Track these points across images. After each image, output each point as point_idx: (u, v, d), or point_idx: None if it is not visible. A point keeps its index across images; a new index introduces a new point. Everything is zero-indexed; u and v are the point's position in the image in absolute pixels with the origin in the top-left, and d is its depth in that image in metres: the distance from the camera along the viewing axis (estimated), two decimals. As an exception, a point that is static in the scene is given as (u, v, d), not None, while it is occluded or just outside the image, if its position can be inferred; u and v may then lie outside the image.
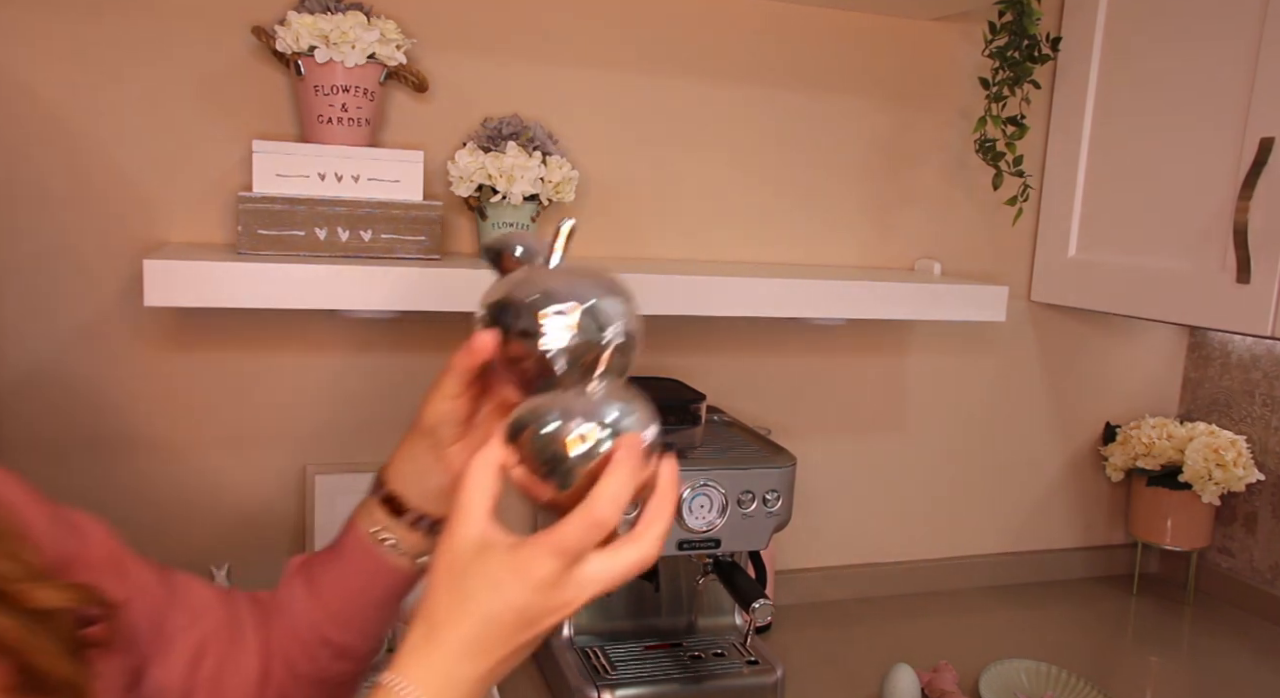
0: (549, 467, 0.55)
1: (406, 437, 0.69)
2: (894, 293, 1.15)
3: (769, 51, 1.25)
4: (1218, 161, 1.14)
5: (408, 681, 0.52)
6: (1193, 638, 1.37)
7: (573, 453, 0.55)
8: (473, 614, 0.53)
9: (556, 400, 0.57)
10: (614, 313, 0.61)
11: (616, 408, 0.58)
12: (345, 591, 0.68)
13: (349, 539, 0.69)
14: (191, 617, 0.66)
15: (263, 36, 1.00)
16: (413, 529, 0.67)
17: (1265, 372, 1.44)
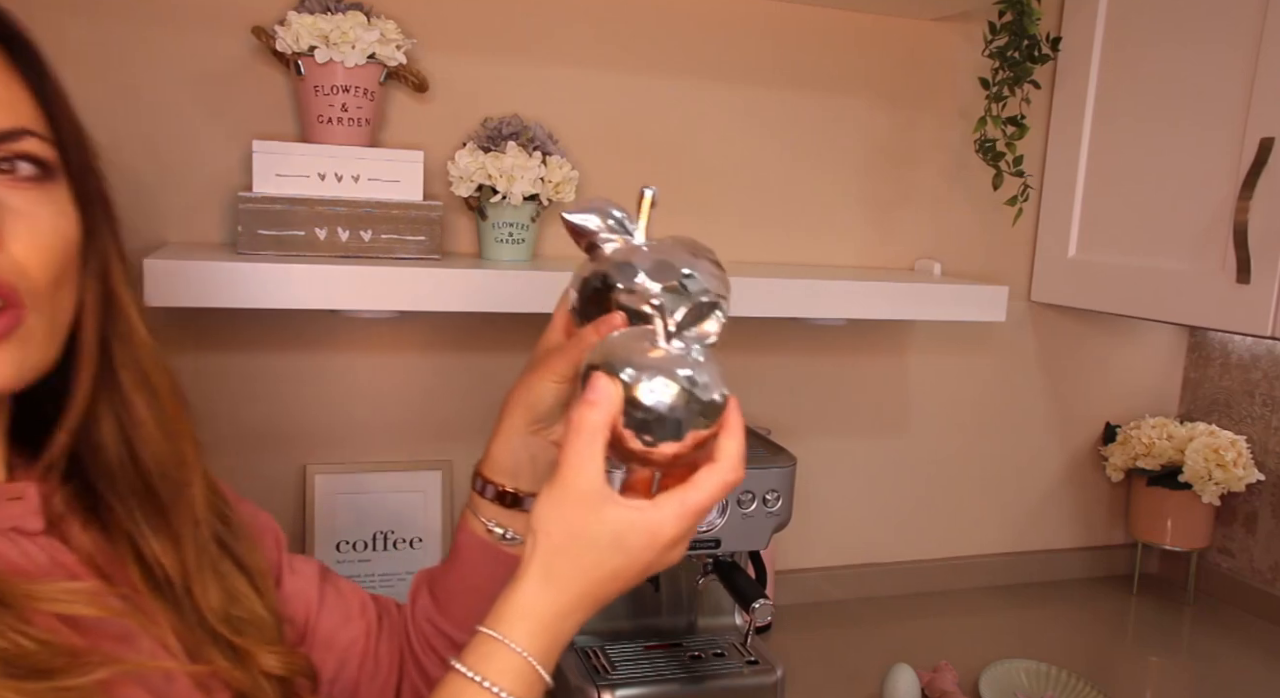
0: (657, 423, 0.53)
1: (498, 431, 0.69)
2: (894, 293, 1.15)
3: (769, 52, 1.25)
4: (1218, 162, 1.14)
5: (516, 635, 0.53)
6: (1193, 638, 1.37)
7: (687, 412, 0.53)
8: (593, 574, 0.53)
9: (665, 359, 0.55)
10: (711, 282, 0.62)
11: (717, 371, 0.56)
12: (469, 592, 0.69)
13: (464, 544, 0.71)
14: (342, 618, 0.70)
15: (263, 36, 1.00)
16: None
17: (1265, 372, 1.44)
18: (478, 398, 1.20)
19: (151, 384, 0.56)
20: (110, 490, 0.55)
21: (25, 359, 0.49)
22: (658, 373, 0.54)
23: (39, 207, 0.49)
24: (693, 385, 0.54)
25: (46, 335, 0.50)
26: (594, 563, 0.53)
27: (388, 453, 1.18)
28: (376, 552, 1.15)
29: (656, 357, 0.55)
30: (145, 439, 0.55)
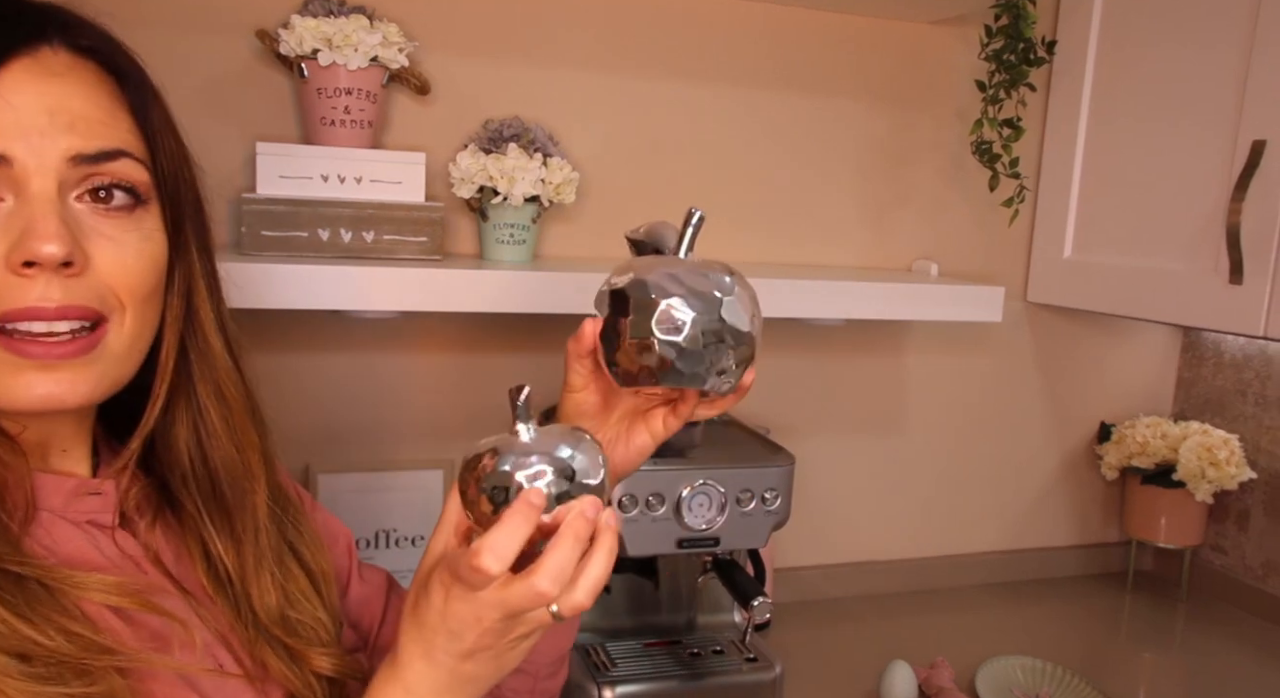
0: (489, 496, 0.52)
1: None
2: (891, 293, 1.16)
3: (768, 55, 1.26)
4: (1211, 164, 1.15)
5: None
6: (1186, 635, 1.38)
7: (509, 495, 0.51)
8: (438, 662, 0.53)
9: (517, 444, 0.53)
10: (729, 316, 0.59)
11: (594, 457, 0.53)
12: None
13: None
14: None
15: (266, 39, 1.01)
16: None
17: (1257, 371, 1.45)
18: (479, 398, 1.21)
19: (225, 396, 0.59)
20: (183, 490, 0.59)
21: (103, 376, 0.52)
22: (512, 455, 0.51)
23: (128, 233, 0.52)
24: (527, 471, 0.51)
25: (125, 352, 0.53)
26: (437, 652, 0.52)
27: (389, 453, 1.18)
28: (379, 550, 1.16)
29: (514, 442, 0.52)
30: (216, 446, 0.59)
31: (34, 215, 0.47)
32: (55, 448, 0.56)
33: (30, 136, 0.48)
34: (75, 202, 0.50)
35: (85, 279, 0.50)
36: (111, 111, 0.51)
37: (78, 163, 0.49)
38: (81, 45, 0.51)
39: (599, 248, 1.23)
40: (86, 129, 0.50)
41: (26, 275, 0.47)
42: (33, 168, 0.48)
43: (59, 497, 0.55)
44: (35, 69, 0.49)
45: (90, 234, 0.50)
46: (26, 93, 0.48)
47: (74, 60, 0.51)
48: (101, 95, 0.51)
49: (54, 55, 0.50)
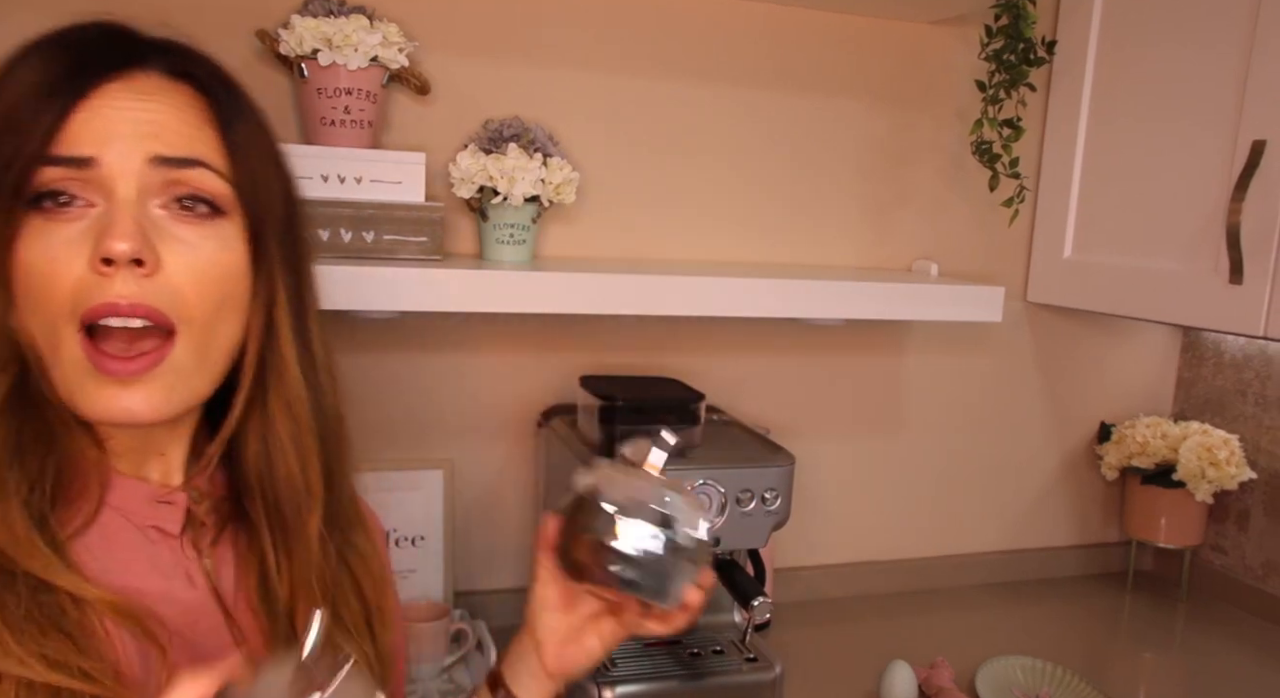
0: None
1: (516, 638, 0.72)
2: (891, 293, 1.16)
3: (768, 55, 1.26)
4: (1211, 164, 1.15)
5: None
6: (1186, 635, 1.38)
7: None
8: None
9: None
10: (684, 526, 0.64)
11: None
12: None
13: None
14: None
15: (266, 39, 1.01)
16: None
17: (1257, 371, 1.45)
18: (478, 398, 1.21)
19: (295, 412, 0.60)
20: (249, 500, 0.60)
21: (172, 391, 0.54)
22: None
23: (205, 239, 0.54)
24: None
25: (197, 366, 0.55)
26: None
27: (389, 452, 1.18)
28: (378, 550, 1.16)
29: None
30: (281, 461, 0.60)
31: (113, 216, 0.51)
32: (153, 452, 0.59)
33: (114, 141, 0.51)
34: (157, 208, 0.53)
35: (157, 280, 0.52)
36: (197, 126, 0.54)
37: (156, 164, 0.52)
38: (177, 71, 0.55)
39: (599, 248, 1.23)
40: (169, 137, 0.53)
41: (106, 274, 0.50)
42: (117, 171, 0.51)
43: (132, 501, 0.57)
44: (128, 89, 0.53)
45: (166, 238, 0.52)
46: (116, 106, 0.52)
47: (166, 83, 0.54)
48: (189, 113, 0.54)
49: (147, 78, 0.54)
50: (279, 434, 0.60)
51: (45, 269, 0.50)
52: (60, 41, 0.53)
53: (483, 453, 1.22)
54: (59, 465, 0.53)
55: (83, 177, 0.51)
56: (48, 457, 0.53)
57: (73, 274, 0.50)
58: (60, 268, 0.50)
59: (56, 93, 0.51)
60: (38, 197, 0.51)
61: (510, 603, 1.24)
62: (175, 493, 0.59)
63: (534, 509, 1.26)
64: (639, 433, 1.04)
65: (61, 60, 0.52)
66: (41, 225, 0.51)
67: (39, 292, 0.51)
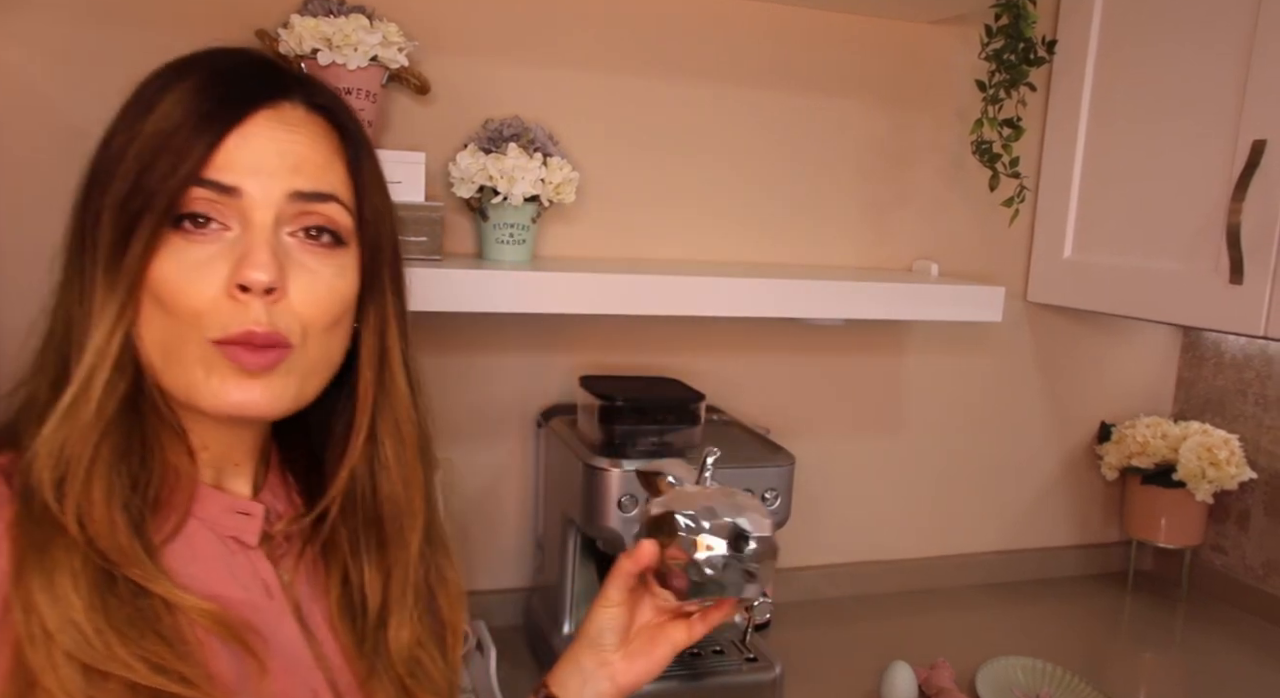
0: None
1: (570, 646, 0.73)
2: (891, 293, 1.16)
3: (768, 55, 1.26)
4: (1211, 163, 1.15)
5: None
6: (1186, 635, 1.38)
7: None
8: None
9: None
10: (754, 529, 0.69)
11: None
12: None
13: None
14: None
15: (266, 39, 1.01)
16: None
17: (1258, 371, 1.45)
18: (478, 398, 1.21)
19: (402, 433, 0.63)
20: (340, 519, 0.63)
21: (287, 389, 0.56)
22: None
23: (325, 267, 0.57)
24: None
25: (305, 374, 0.57)
26: None
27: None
28: (378, 550, 1.16)
29: None
30: (385, 480, 0.63)
31: (252, 244, 0.53)
32: (230, 463, 0.61)
33: (260, 174, 0.54)
34: (287, 236, 0.56)
35: (282, 306, 0.55)
36: (330, 159, 0.58)
37: (294, 199, 0.55)
38: (316, 103, 0.58)
39: (599, 248, 1.23)
40: (308, 171, 0.56)
41: (240, 300, 0.53)
42: (259, 201, 0.54)
43: (213, 510, 0.59)
44: (276, 119, 0.56)
45: (292, 264, 0.55)
46: (263, 138, 0.55)
47: (308, 116, 0.57)
48: (324, 145, 0.58)
49: (293, 109, 0.57)
50: (386, 454, 0.62)
51: (179, 287, 0.53)
52: (213, 67, 0.56)
53: (482, 453, 1.22)
54: (158, 473, 0.55)
55: (224, 202, 0.54)
56: (148, 463, 0.55)
57: (204, 294, 0.53)
58: (193, 287, 0.53)
59: (214, 118, 0.53)
60: (180, 217, 0.53)
61: (510, 603, 1.24)
62: (252, 504, 0.61)
63: (533, 509, 1.26)
64: (639, 434, 1.05)
65: (217, 86, 0.55)
66: (178, 243, 0.53)
67: (170, 306, 0.53)
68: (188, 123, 0.53)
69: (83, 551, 0.50)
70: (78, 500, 0.51)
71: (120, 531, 0.51)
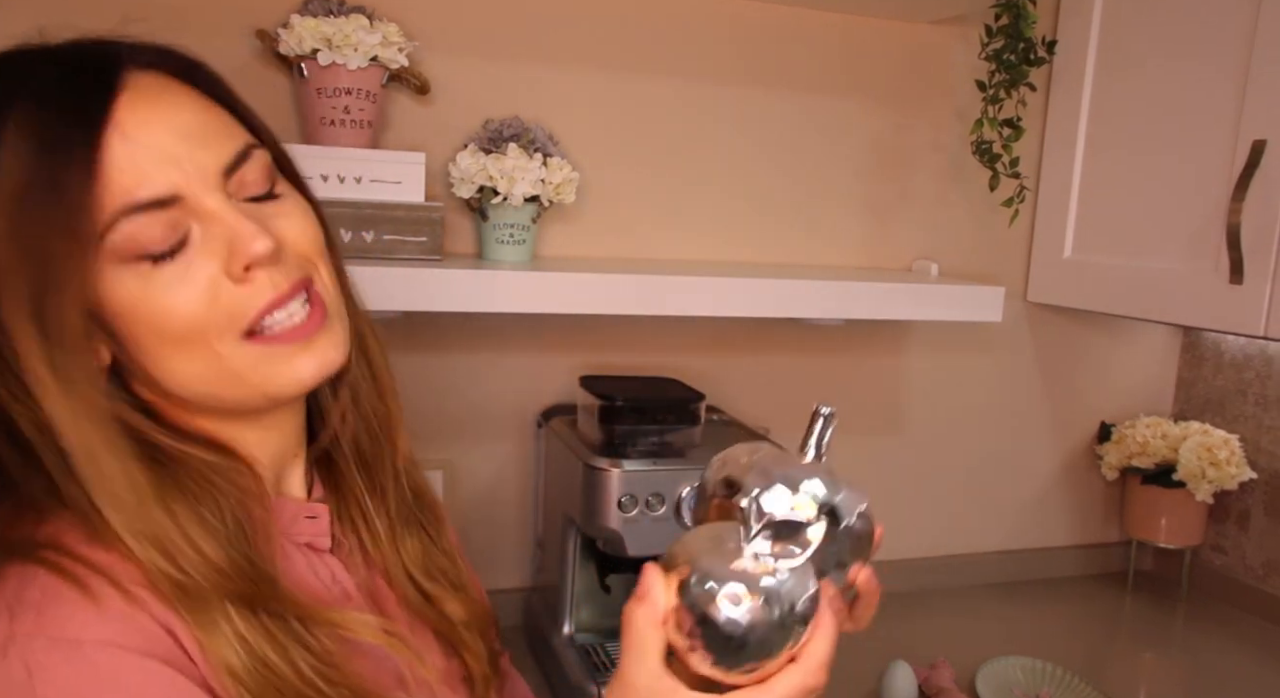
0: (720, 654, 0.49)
1: None
2: (892, 293, 1.16)
3: (769, 54, 1.26)
4: (1211, 164, 1.15)
5: None
6: (1186, 635, 1.38)
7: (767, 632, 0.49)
8: None
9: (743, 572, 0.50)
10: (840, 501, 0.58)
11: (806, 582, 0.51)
12: None
13: None
14: None
15: (266, 39, 1.01)
16: None
17: (1258, 371, 1.45)
18: (478, 398, 1.21)
19: (366, 344, 0.62)
20: (338, 452, 0.62)
21: (342, 331, 0.56)
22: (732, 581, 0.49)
23: (285, 204, 0.55)
24: (777, 601, 0.49)
25: (339, 306, 0.57)
26: None
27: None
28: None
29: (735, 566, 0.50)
30: (364, 396, 0.62)
31: (230, 226, 0.50)
32: (287, 457, 0.59)
33: (179, 164, 0.49)
34: (242, 203, 0.53)
35: (286, 257, 0.53)
36: (210, 110, 0.53)
37: (228, 175, 0.51)
38: (147, 63, 0.52)
39: (599, 248, 1.23)
40: (213, 139, 0.51)
41: (250, 279, 0.51)
42: (199, 190, 0.50)
43: (284, 520, 0.58)
44: (135, 99, 0.49)
45: (268, 220, 0.53)
46: (146, 124, 0.49)
47: (154, 79, 0.51)
48: (191, 99, 0.52)
49: (137, 80, 0.50)
50: (353, 372, 0.60)
51: (177, 306, 0.49)
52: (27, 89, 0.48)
53: (482, 453, 1.22)
54: (235, 503, 0.53)
55: (170, 215, 0.49)
56: (220, 499, 0.52)
57: (206, 297, 0.50)
58: (191, 297, 0.49)
59: (73, 137, 0.46)
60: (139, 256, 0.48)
61: (510, 603, 1.24)
62: (316, 506, 0.60)
63: (533, 509, 1.26)
64: (639, 434, 1.05)
65: (50, 102, 0.47)
66: (145, 271, 0.48)
67: (179, 330, 0.49)
68: (46, 156, 0.45)
69: (227, 603, 0.48)
70: (194, 561, 0.48)
71: (246, 569, 0.49)
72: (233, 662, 0.47)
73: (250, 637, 0.48)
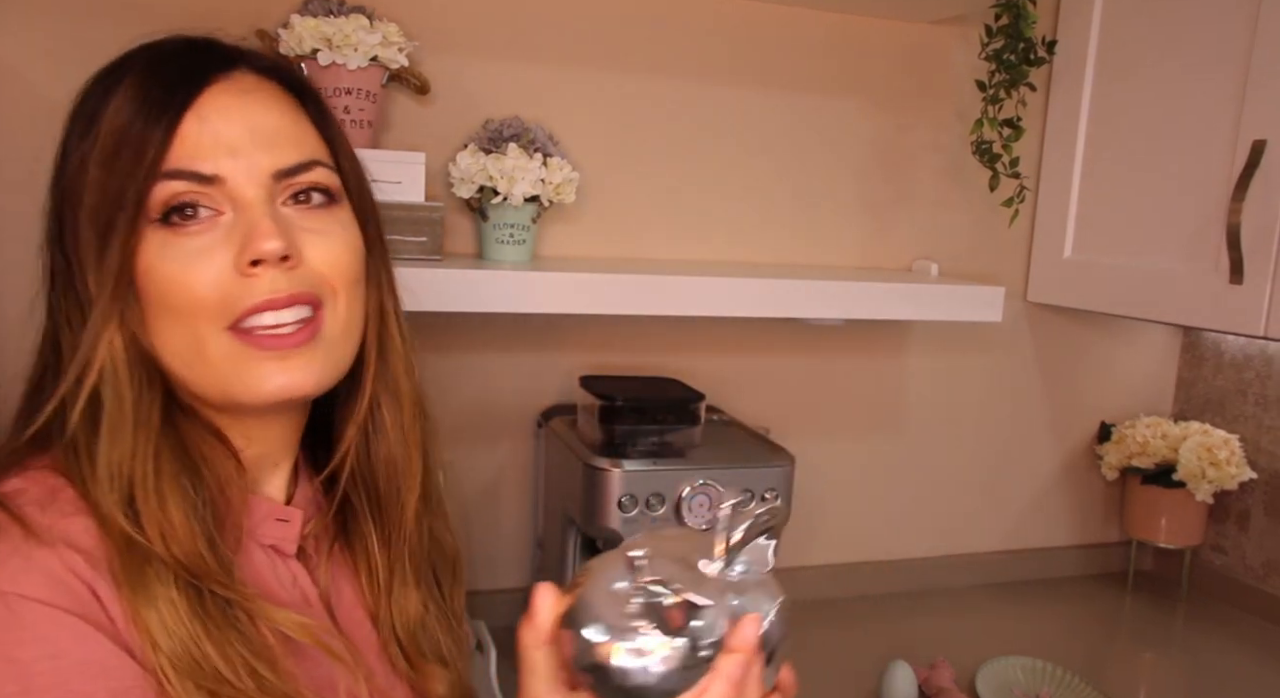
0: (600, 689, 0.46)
1: None
2: (891, 293, 1.16)
3: (769, 54, 1.26)
4: (1211, 163, 1.15)
5: None
6: (1186, 635, 1.38)
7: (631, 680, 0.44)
8: None
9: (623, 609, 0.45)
10: None
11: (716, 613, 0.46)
12: None
13: None
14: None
15: (266, 39, 1.01)
16: None
17: (1258, 371, 1.45)
18: (478, 398, 1.21)
19: (399, 392, 0.62)
20: (352, 488, 0.61)
21: (327, 359, 0.56)
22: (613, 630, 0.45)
23: (330, 225, 0.56)
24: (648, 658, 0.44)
25: (342, 334, 0.57)
26: None
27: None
28: (378, 550, 1.16)
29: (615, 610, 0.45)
30: (383, 441, 0.62)
31: (252, 221, 0.52)
32: (269, 464, 0.60)
33: (236, 156, 0.53)
34: (281, 206, 0.55)
35: (301, 271, 0.54)
36: (297, 123, 0.57)
37: (279, 177, 0.54)
38: (263, 67, 0.57)
39: (599, 248, 1.23)
40: (283, 143, 0.55)
41: (254, 275, 0.52)
42: (243, 182, 0.53)
43: (254, 519, 0.58)
44: (230, 89, 0.54)
45: (298, 232, 0.54)
46: (225, 113, 0.53)
47: (259, 80, 0.56)
48: (286, 108, 0.56)
49: (243, 77, 0.56)
50: (382, 416, 0.61)
51: (182, 279, 0.52)
52: (150, 57, 0.55)
53: (483, 453, 1.22)
54: (213, 484, 0.54)
55: (209, 191, 0.52)
56: (201, 474, 0.54)
57: (210, 280, 0.52)
58: (198, 276, 0.52)
59: (166, 104, 0.52)
60: (165, 213, 0.52)
61: (510, 603, 1.24)
62: (291, 510, 0.60)
63: (533, 509, 1.26)
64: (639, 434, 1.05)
65: (161, 72, 0.54)
66: (169, 239, 0.52)
67: (178, 302, 0.52)
68: (140, 114, 0.51)
69: (173, 573, 0.49)
70: (157, 521, 0.50)
71: (202, 546, 0.50)
72: (158, 632, 0.48)
73: (185, 612, 0.48)
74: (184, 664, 0.48)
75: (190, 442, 0.54)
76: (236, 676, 0.49)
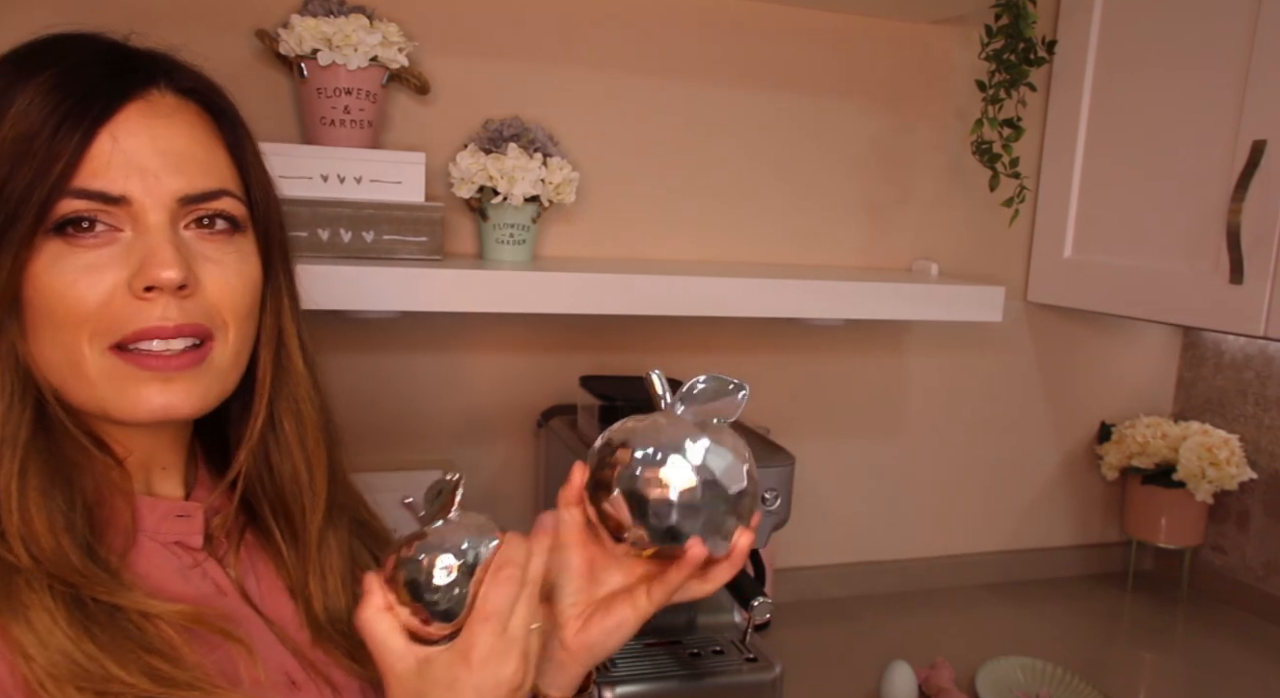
0: (424, 608, 0.53)
1: None
2: (891, 293, 1.16)
3: (768, 54, 1.26)
4: (1211, 164, 1.15)
5: None
6: (1186, 635, 1.38)
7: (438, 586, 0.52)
8: None
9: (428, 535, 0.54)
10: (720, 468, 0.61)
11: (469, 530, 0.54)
12: None
13: None
14: None
15: (266, 39, 1.01)
16: None
17: (1258, 371, 1.45)
18: (478, 398, 1.21)
19: (302, 413, 0.63)
20: (258, 504, 0.62)
21: (210, 387, 0.56)
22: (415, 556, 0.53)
23: (228, 255, 0.56)
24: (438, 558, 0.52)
25: (230, 366, 0.57)
26: None
27: (389, 453, 1.18)
28: (378, 550, 1.16)
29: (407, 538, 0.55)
30: (285, 459, 0.62)
31: (152, 245, 0.52)
32: (156, 467, 0.60)
33: (145, 177, 0.52)
34: (183, 229, 0.54)
35: (196, 299, 0.54)
36: (210, 149, 0.56)
37: (185, 203, 0.54)
38: (184, 87, 0.56)
39: (599, 248, 1.23)
40: (193, 169, 0.54)
41: (147, 299, 0.52)
42: (149, 205, 0.52)
43: (152, 519, 0.58)
44: (147, 110, 0.53)
45: (197, 258, 0.54)
46: (138, 135, 0.52)
47: (179, 102, 0.55)
48: (201, 133, 0.56)
49: (162, 98, 0.54)
50: (285, 435, 0.62)
51: (68, 293, 0.51)
52: (65, 58, 0.53)
53: (483, 453, 1.22)
54: (91, 491, 0.54)
55: (112, 210, 0.52)
56: (77, 482, 0.53)
57: (99, 296, 0.51)
58: (85, 292, 0.51)
59: (78, 118, 0.50)
60: (61, 223, 0.51)
61: (510, 603, 1.24)
62: (189, 505, 0.60)
63: (534, 510, 1.26)
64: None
65: (76, 80, 0.52)
66: (63, 250, 0.51)
67: (61, 316, 0.51)
68: (50, 124, 0.50)
69: (46, 583, 0.49)
70: (21, 535, 0.49)
71: (73, 554, 0.50)
72: (30, 644, 0.47)
73: (64, 620, 0.48)
74: (64, 671, 0.47)
75: (64, 452, 0.53)
76: (129, 673, 0.49)
